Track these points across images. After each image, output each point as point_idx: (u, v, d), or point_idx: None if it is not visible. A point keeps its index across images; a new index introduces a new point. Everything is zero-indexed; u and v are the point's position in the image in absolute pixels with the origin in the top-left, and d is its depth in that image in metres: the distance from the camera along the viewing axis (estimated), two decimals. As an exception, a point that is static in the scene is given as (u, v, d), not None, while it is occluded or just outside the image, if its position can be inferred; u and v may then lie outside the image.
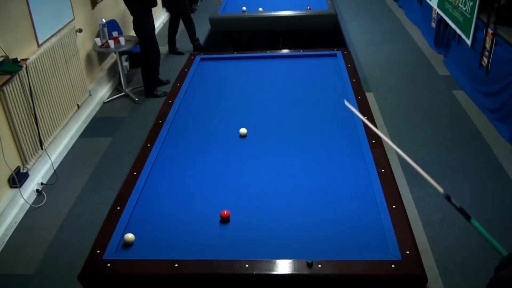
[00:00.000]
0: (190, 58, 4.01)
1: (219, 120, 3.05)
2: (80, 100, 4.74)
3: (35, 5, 3.95)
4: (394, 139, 4.27)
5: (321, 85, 3.45)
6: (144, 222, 2.17)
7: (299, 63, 3.85)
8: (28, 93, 3.75)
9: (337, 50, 3.96)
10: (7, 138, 3.56)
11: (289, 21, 5.35)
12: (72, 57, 4.55)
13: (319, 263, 1.85)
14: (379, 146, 2.62)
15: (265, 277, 1.85)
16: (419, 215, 3.38)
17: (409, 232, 2.00)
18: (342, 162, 2.53)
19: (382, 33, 6.90)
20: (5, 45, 3.56)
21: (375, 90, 5.19)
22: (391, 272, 1.80)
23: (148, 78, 5.31)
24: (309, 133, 2.84)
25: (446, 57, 5.81)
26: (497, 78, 4.38)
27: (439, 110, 4.73)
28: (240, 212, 2.19)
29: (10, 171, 3.56)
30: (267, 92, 3.39)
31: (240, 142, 2.80)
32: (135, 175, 2.47)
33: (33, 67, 3.82)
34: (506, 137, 4.16)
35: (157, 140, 2.80)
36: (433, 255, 3.03)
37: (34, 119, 3.83)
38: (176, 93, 3.40)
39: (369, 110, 3.01)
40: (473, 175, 3.76)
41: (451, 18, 5.47)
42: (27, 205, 3.67)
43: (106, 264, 1.91)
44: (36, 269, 3.12)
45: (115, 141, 4.53)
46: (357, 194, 2.28)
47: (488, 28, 4.48)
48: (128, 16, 5.16)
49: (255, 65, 3.87)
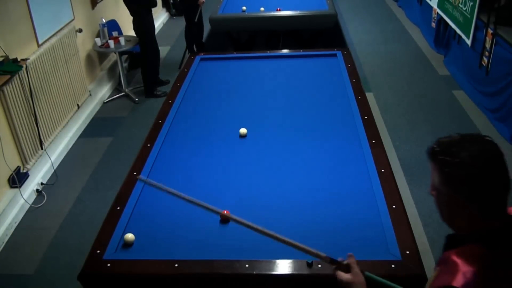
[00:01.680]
0: (190, 58, 4.02)
1: (219, 120, 3.05)
2: (80, 100, 4.74)
3: (35, 5, 3.95)
4: (394, 139, 4.27)
5: (321, 85, 3.45)
6: (144, 222, 2.17)
7: (299, 63, 3.85)
8: (28, 93, 3.75)
9: (337, 50, 3.96)
10: (7, 138, 3.56)
11: (289, 21, 5.35)
12: (72, 57, 4.55)
13: (319, 263, 1.85)
14: (379, 146, 2.62)
15: (265, 277, 1.85)
16: (419, 215, 3.37)
17: (409, 232, 2.00)
18: (342, 162, 2.53)
19: (382, 33, 6.90)
20: (5, 45, 3.56)
21: (375, 90, 5.19)
22: (391, 272, 1.80)
23: (148, 78, 5.31)
24: (309, 133, 2.84)
25: (446, 57, 5.81)
26: (497, 78, 4.38)
27: (439, 110, 4.72)
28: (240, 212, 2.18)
29: (10, 171, 3.56)
30: (267, 92, 3.39)
31: (240, 142, 2.80)
32: (135, 175, 2.47)
33: (33, 67, 3.82)
34: (506, 137, 4.15)
35: (157, 140, 2.80)
36: (433, 255, 3.03)
37: (34, 119, 3.83)
38: (176, 93, 3.40)
39: (369, 110, 3.01)
40: (473, 175, 3.76)
41: (451, 18, 5.47)
42: (27, 205, 3.67)
43: (106, 264, 1.91)
44: (36, 269, 3.12)
45: (115, 141, 4.53)
46: (357, 194, 2.28)
47: (488, 28, 4.48)
48: (128, 16, 5.15)
49: (255, 65, 3.87)
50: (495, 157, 1.15)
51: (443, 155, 1.16)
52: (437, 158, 1.18)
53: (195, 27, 5.90)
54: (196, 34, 6.01)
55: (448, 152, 1.16)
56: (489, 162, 1.13)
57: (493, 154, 1.15)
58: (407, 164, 3.91)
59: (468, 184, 1.13)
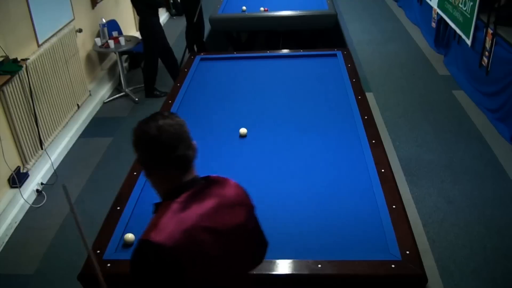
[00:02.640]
0: (190, 58, 4.02)
1: (219, 120, 3.05)
2: (80, 100, 4.74)
3: (35, 5, 3.94)
4: (394, 139, 4.27)
5: (321, 85, 3.45)
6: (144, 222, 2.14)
7: (299, 63, 3.85)
8: (28, 93, 3.75)
9: (337, 50, 3.96)
10: (7, 138, 3.56)
11: (289, 21, 5.34)
12: (72, 57, 4.55)
13: (319, 263, 1.85)
14: (379, 146, 2.62)
15: (265, 277, 1.85)
16: (419, 215, 3.37)
17: (409, 232, 2.00)
18: (342, 162, 2.54)
19: (382, 33, 6.90)
20: (5, 45, 3.56)
21: (375, 90, 5.19)
22: (391, 272, 1.80)
23: (149, 78, 5.31)
24: (309, 133, 2.84)
25: (446, 57, 5.81)
26: (497, 78, 4.38)
27: (439, 110, 4.72)
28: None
29: (10, 171, 3.56)
30: (267, 92, 3.39)
31: (240, 142, 2.80)
32: (135, 175, 2.47)
33: (33, 67, 3.82)
34: (506, 137, 4.16)
35: (157, 140, 2.79)
36: (433, 255, 3.03)
37: (34, 119, 3.83)
38: (176, 93, 3.40)
39: (369, 110, 3.01)
40: (473, 175, 3.76)
41: (451, 18, 5.47)
42: (27, 205, 3.67)
43: (106, 264, 1.91)
44: (36, 269, 3.12)
45: (115, 141, 4.53)
46: (357, 194, 2.28)
47: (488, 28, 4.48)
48: (128, 16, 5.16)
49: (255, 65, 3.87)
50: (166, 128, 1.32)
51: (133, 133, 1.38)
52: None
53: (195, 27, 5.89)
54: (196, 34, 6.01)
55: (135, 129, 1.38)
56: (159, 133, 1.31)
57: (167, 126, 1.32)
58: (407, 164, 3.91)
59: (145, 152, 1.35)
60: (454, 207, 3.44)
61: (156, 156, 1.34)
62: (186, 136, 1.37)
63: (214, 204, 1.35)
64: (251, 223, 1.47)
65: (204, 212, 1.31)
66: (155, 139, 1.32)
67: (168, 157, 1.33)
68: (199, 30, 6.02)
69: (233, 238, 1.36)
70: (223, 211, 1.36)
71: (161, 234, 1.23)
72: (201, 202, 1.33)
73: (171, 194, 1.34)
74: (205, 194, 1.36)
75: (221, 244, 1.32)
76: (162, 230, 1.25)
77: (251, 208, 1.49)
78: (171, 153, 1.32)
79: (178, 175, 1.36)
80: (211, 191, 1.37)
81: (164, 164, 1.34)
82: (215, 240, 1.30)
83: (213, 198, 1.36)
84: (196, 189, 1.35)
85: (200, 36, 6.11)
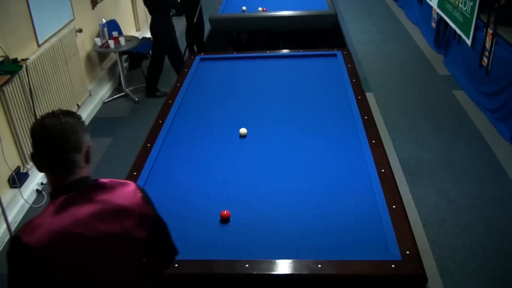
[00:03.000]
0: (190, 58, 4.02)
1: (219, 120, 3.05)
2: (80, 100, 4.74)
3: (35, 5, 3.94)
4: (394, 139, 4.27)
5: (321, 85, 3.45)
6: (144, 222, 2.16)
7: (299, 63, 3.85)
8: (28, 93, 3.75)
9: (337, 50, 3.96)
10: (7, 138, 3.56)
11: (289, 21, 5.34)
12: (72, 57, 4.55)
13: (319, 263, 1.85)
14: (379, 146, 2.62)
15: (265, 277, 1.85)
16: (419, 215, 3.38)
17: (409, 232, 2.00)
18: (342, 162, 2.53)
19: (382, 33, 6.91)
20: (5, 45, 3.56)
21: (375, 90, 5.19)
22: (391, 272, 1.80)
23: (151, 78, 5.32)
24: (309, 133, 2.84)
25: (446, 57, 5.81)
26: (497, 78, 4.38)
27: (439, 110, 4.73)
28: (240, 212, 2.19)
29: (10, 171, 3.56)
30: (267, 92, 3.39)
31: (240, 142, 2.80)
32: (135, 175, 2.47)
33: (33, 67, 3.82)
34: (506, 137, 4.16)
35: (157, 140, 2.80)
36: (433, 255, 3.03)
37: (34, 119, 3.83)
38: (176, 93, 3.40)
39: (369, 110, 3.01)
40: (473, 175, 3.77)
41: (451, 18, 5.47)
42: (27, 205, 3.67)
43: (106, 264, 1.91)
44: (36, 269, 3.12)
45: (115, 141, 4.53)
46: (357, 194, 2.28)
47: (488, 28, 4.48)
48: (128, 16, 5.16)
49: (255, 65, 3.87)
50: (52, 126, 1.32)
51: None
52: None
53: (195, 27, 5.89)
54: (196, 34, 6.01)
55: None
56: (44, 130, 1.32)
57: (52, 124, 1.33)
58: (407, 164, 3.91)
59: (32, 147, 1.35)
60: (454, 207, 3.44)
61: (38, 153, 1.34)
62: (73, 138, 1.36)
63: (93, 209, 1.33)
64: (144, 232, 1.42)
65: (78, 217, 1.31)
66: (36, 137, 1.33)
67: (45, 157, 1.33)
68: (199, 30, 6.03)
69: (109, 245, 1.34)
70: (102, 217, 1.34)
71: (31, 235, 1.25)
72: (78, 206, 1.32)
73: (53, 194, 1.35)
74: (87, 199, 1.35)
75: (92, 250, 1.31)
76: (33, 230, 1.27)
77: (147, 217, 1.44)
78: (49, 153, 1.33)
79: (60, 176, 1.35)
80: (94, 196, 1.36)
81: (44, 163, 1.35)
82: (85, 246, 1.30)
83: (94, 203, 1.35)
84: (78, 192, 1.34)
85: (200, 36, 6.12)
